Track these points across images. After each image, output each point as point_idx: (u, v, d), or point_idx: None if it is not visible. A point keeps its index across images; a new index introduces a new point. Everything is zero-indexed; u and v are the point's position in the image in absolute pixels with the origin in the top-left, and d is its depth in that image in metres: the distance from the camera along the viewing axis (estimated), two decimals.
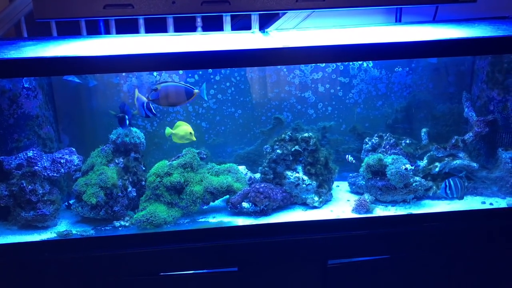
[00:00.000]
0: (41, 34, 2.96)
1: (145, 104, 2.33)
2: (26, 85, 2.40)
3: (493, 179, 2.50)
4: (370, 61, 2.76)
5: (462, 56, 2.74)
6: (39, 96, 2.48)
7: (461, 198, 2.41)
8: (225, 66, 2.54)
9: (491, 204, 2.43)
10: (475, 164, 2.51)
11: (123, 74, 2.68)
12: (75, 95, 2.73)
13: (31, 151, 2.32)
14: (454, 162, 2.52)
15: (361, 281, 2.30)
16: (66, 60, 1.91)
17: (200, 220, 2.38)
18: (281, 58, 1.98)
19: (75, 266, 2.12)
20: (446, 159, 2.54)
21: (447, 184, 2.33)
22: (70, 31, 2.85)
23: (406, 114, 2.85)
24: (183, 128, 2.43)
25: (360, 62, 2.77)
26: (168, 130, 2.46)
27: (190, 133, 2.42)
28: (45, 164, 2.33)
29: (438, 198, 2.51)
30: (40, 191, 2.29)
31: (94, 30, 2.80)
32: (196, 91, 2.25)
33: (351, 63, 2.76)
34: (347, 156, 2.65)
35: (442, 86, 2.85)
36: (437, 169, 2.52)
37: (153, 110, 2.35)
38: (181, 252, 2.17)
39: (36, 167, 2.29)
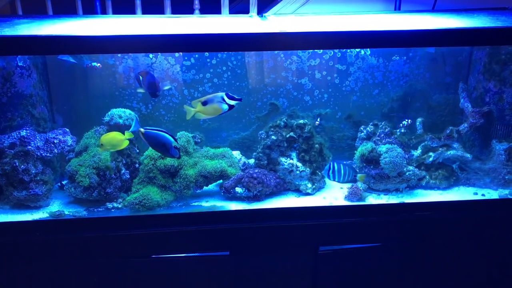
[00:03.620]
0: (36, 12, 2.91)
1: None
2: (20, 64, 2.37)
3: (486, 170, 2.51)
4: (368, 49, 2.74)
5: (460, 47, 2.73)
6: (33, 75, 2.46)
7: (344, 182, 2.47)
8: (221, 50, 2.52)
9: (483, 195, 2.44)
10: (468, 155, 2.52)
11: (119, 55, 2.65)
12: (70, 75, 2.70)
13: (24, 131, 2.30)
14: (448, 152, 2.53)
15: (352, 268, 2.31)
16: (61, 39, 1.88)
17: (193, 204, 2.38)
18: (277, 43, 1.96)
19: (67, 247, 2.12)
20: (440, 149, 2.55)
21: (331, 166, 2.38)
22: (65, 10, 2.81)
23: (402, 103, 2.84)
24: (113, 136, 2.24)
25: (357, 50, 2.75)
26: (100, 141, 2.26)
27: (121, 139, 2.22)
28: (38, 144, 2.32)
29: (431, 188, 2.52)
30: (33, 171, 2.28)
31: (91, 9, 2.76)
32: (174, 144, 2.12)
33: (348, 50, 2.75)
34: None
35: (439, 76, 2.85)
36: (430, 159, 2.53)
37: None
38: (174, 235, 2.17)
39: (29, 147, 2.28)
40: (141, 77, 2.23)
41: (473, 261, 2.34)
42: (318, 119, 2.65)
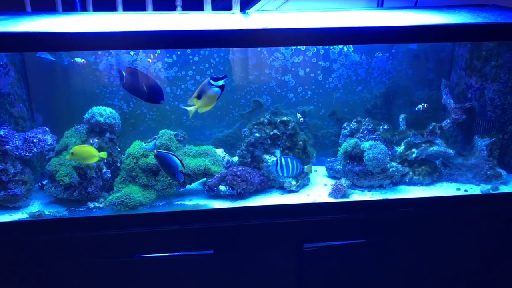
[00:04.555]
0: (14, 9, 2.85)
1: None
2: None
3: (469, 166, 2.53)
4: (351, 46, 2.74)
5: (442, 43, 2.75)
6: (11, 73, 2.40)
7: (294, 177, 2.40)
8: (203, 46, 2.49)
9: (465, 190, 2.46)
10: (451, 151, 2.53)
11: (99, 52, 2.61)
12: (49, 73, 2.65)
13: (2, 130, 2.25)
14: (431, 148, 2.54)
15: (336, 265, 2.31)
16: (39, 36, 1.84)
17: (176, 202, 2.35)
18: (259, 39, 1.94)
19: (47, 248, 2.08)
20: (423, 145, 2.56)
21: (278, 161, 2.31)
22: (44, 7, 2.75)
23: (385, 99, 2.85)
24: (87, 150, 2.23)
25: (340, 47, 2.75)
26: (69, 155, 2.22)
27: (92, 155, 2.22)
28: (17, 143, 2.27)
29: (415, 184, 2.54)
30: (12, 171, 2.23)
31: (70, 6, 2.71)
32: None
33: (331, 47, 2.75)
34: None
35: (421, 73, 2.86)
36: (414, 155, 2.53)
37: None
38: (157, 235, 2.15)
39: (8, 146, 2.23)
40: (124, 74, 2.10)
41: (456, 256, 2.36)
42: (299, 116, 2.62)
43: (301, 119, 2.66)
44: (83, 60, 2.63)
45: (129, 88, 2.03)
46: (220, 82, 2.07)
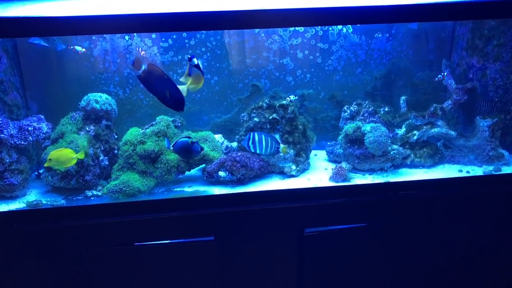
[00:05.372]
0: None
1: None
2: None
3: (470, 147, 2.51)
4: (350, 26, 2.69)
5: (443, 22, 2.70)
6: (3, 60, 2.35)
7: (266, 155, 2.32)
8: (200, 29, 2.45)
9: (467, 172, 2.44)
10: (453, 132, 2.50)
11: (93, 37, 2.56)
12: (42, 60, 2.60)
13: None
14: (432, 130, 2.51)
15: (337, 250, 2.29)
16: (31, 20, 1.79)
17: (176, 189, 2.32)
18: (257, 21, 1.89)
19: (45, 237, 2.05)
20: (425, 127, 2.53)
21: (251, 137, 2.24)
22: None
23: (385, 81, 2.81)
24: (63, 153, 2.14)
25: (339, 27, 2.70)
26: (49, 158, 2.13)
27: (70, 158, 2.14)
28: (12, 131, 2.23)
29: (416, 166, 2.51)
30: (7, 160, 2.19)
31: None
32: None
33: (330, 28, 2.69)
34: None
35: (422, 53, 2.82)
36: (415, 137, 2.50)
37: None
38: (156, 222, 2.12)
39: (2, 135, 2.19)
40: (143, 66, 1.90)
41: (459, 239, 2.34)
42: (292, 97, 2.55)
43: (294, 97, 2.56)
44: (83, 49, 2.58)
45: (145, 84, 1.94)
46: (195, 61, 2.03)
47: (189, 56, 2.03)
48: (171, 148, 2.20)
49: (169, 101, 1.98)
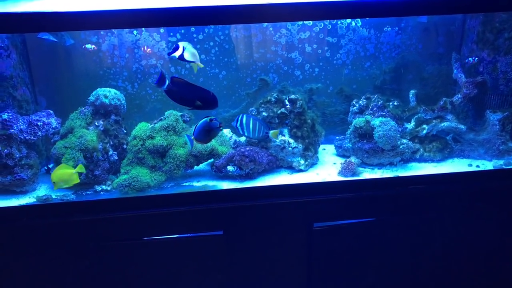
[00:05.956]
0: None
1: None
2: None
3: (480, 141, 2.49)
4: (359, 20, 2.67)
5: (453, 15, 2.67)
6: (12, 56, 2.36)
7: (255, 138, 2.28)
8: (208, 23, 2.43)
9: (477, 166, 2.42)
10: (462, 126, 2.48)
11: (102, 32, 2.56)
12: (52, 55, 2.60)
13: (6, 114, 2.22)
14: (442, 124, 2.49)
15: (346, 244, 2.29)
16: (40, 16, 1.79)
17: (184, 184, 2.33)
18: (265, 15, 1.88)
19: (55, 232, 2.06)
20: (434, 121, 2.51)
21: (239, 119, 2.23)
22: None
23: (395, 75, 2.79)
24: (63, 172, 2.12)
25: (348, 21, 2.68)
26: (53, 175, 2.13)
27: (71, 173, 2.12)
28: (21, 127, 2.24)
29: (425, 160, 2.50)
30: (17, 155, 2.20)
31: None
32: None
33: (339, 22, 2.67)
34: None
35: (431, 47, 2.79)
36: (424, 132, 2.49)
37: None
38: (165, 216, 2.13)
39: (12, 130, 2.20)
40: (167, 81, 1.95)
41: (469, 233, 2.33)
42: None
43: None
44: (93, 46, 2.59)
45: (174, 97, 2.00)
46: (175, 56, 2.04)
47: (169, 52, 2.04)
48: (193, 138, 2.13)
49: (202, 105, 2.02)
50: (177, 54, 2.02)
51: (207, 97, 2.02)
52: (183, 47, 2.03)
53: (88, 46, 2.58)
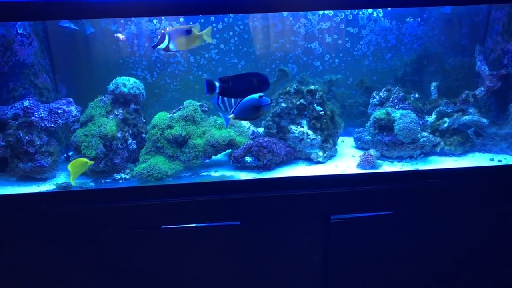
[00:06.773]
0: None
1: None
2: (20, 31, 2.29)
3: (503, 135, 2.44)
4: (381, 10, 2.63)
5: (477, 5, 2.61)
6: (34, 43, 2.38)
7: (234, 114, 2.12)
8: (228, 12, 2.43)
9: (499, 161, 2.38)
10: (485, 120, 2.44)
11: (121, 20, 2.56)
12: (72, 43, 2.62)
13: (27, 101, 2.24)
14: (464, 117, 2.45)
15: (364, 237, 2.27)
16: (61, 3, 1.80)
17: (202, 173, 2.33)
18: (286, 4, 1.86)
19: (74, 219, 2.09)
20: (456, 114, 2.47)
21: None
22: None
23: (416, 67, 2.75)
24: (79, 161, 2.18)
25: (370, 11, 2.64)
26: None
27: (86, 162, 2.18)
28: (42, 114, 2.26)
29: (446, 154, 2.46)
30: (38, 142, 2.23)
31: None
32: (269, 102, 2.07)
33: (360, 12, 2.63)
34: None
35: (454, 38, 2.74)
36: (445, 125, 2.45)
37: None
38: (183, 206, 2.13)
39: (33, 117, 2.22)
40: (217, 84, 1.97)
41: (489, 228, 2.29)
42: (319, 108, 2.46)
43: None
44: (122, 36, 2.60)
45: (231, 94, 2.02)
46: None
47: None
48: (231, 116, 2.05)
49: (258, 86, 2.02)
50: (162, 45, 2.01)
51: (259, 77, 2.01)
52: (169, 37, 2.01)
53: (119, 35, 2.59)
